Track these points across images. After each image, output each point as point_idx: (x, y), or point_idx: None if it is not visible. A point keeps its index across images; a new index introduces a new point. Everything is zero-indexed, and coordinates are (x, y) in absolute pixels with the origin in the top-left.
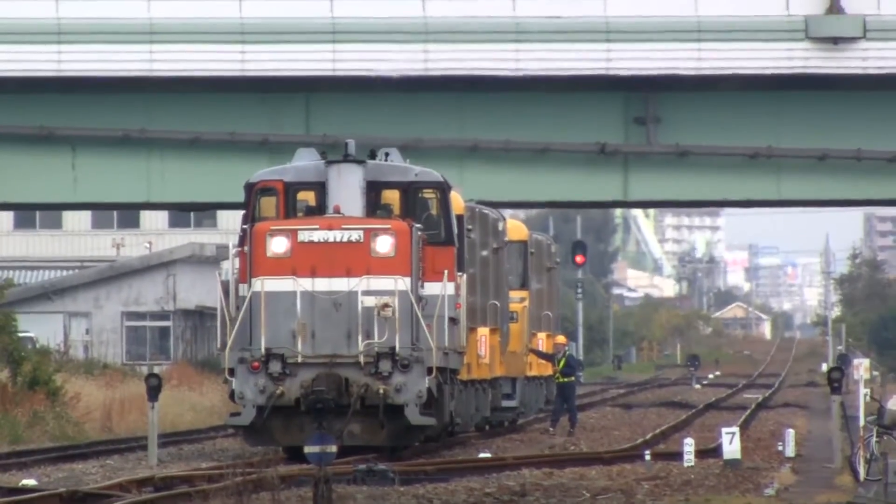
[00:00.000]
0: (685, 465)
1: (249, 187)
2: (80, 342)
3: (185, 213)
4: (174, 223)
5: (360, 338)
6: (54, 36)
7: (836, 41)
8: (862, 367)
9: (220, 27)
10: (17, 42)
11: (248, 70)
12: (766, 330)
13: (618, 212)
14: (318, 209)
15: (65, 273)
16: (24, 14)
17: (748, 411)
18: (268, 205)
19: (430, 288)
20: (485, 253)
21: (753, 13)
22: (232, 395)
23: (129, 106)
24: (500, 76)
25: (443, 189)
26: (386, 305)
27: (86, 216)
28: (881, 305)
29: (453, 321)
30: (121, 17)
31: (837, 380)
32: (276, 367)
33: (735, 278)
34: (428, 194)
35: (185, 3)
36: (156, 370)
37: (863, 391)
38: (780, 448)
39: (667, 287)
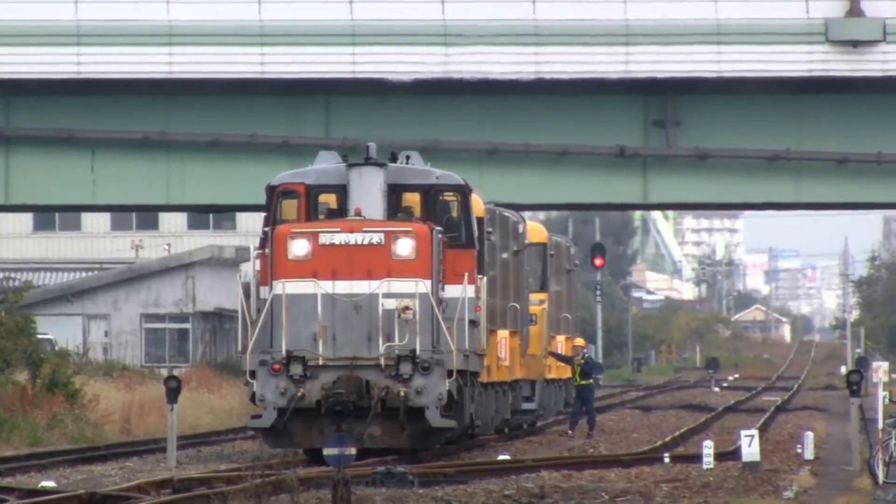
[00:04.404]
0: (704, 467)
1: (271, 190)
2: (99, 344)
3: (204, 215)
4: (193, 225)
5: (380, 340)
6: (74, 38)
7: (855, 44)
8: (881, 370)
9: (240, 29)
10: (36, 44)
11: (267, 72)
12: (786, 333)
13: (637, 214)
14: (340, 212)
15: (84, 275)
16: (44, 16)
17: (767, 414)
18: (289, 207)
19: (451, 290)
20: (505, 255)
21: (773, 16)
22: (253, 397)
23: (148, 108)
24: (520, 79)
25: (464, 192)
26: (407, 308)
27: (105, 218)
28: None
29: (473, 324)
30: (140, 20)
31: (856, 383)
32: (296, 369)
33: (754, 281)
34: (449, 197)
35: (205, 6)
36: (175, 372)
37: (881, 394)
38: (799, 451)
39: (686, 290)
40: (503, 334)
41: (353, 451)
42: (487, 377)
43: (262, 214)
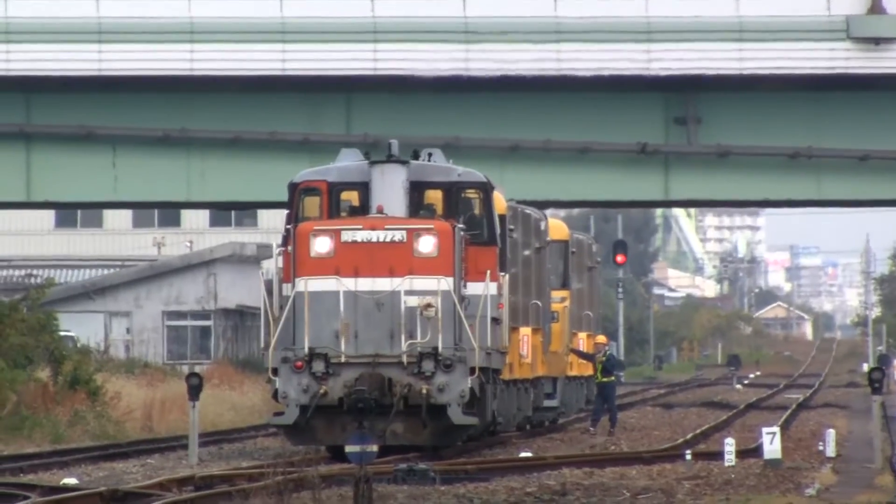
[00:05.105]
0: (726, 464)
1: (293, 187)
2: (120, 341)
3: (225, 212)
4: (215, 222)
5: (402, 338)
6: (95, 35)
7: (877, 41)
8: None
9: (261, 27)
10: (57, 41)
11: (288, 69)
12: (808, 330)
13: (658, 211)
14: (362, 209)
15: (106, 272)
16: (65, 14)
17: (789, 411)
18: (311, 205)
19: (473, 288)
20: (527, 253)
21: (795, 13)
22: (275, 394)
23: (169, 105)
24: (541, 76)
25: (486, 189)
26: (429, 305)
27: (126, 215)
28: None
29: (496, 321)
30: (161, 17)
31: (878, 380)
32: (319, 366)
33: (776, 278)
34: (471, 194)
35: (226, 3)
36: (196, 369)
37: None
38: (821, 448)
39: (708, 287)
40: (525, 331)
41: (374, 448)
42: (509, 374)
43: (284, 211)
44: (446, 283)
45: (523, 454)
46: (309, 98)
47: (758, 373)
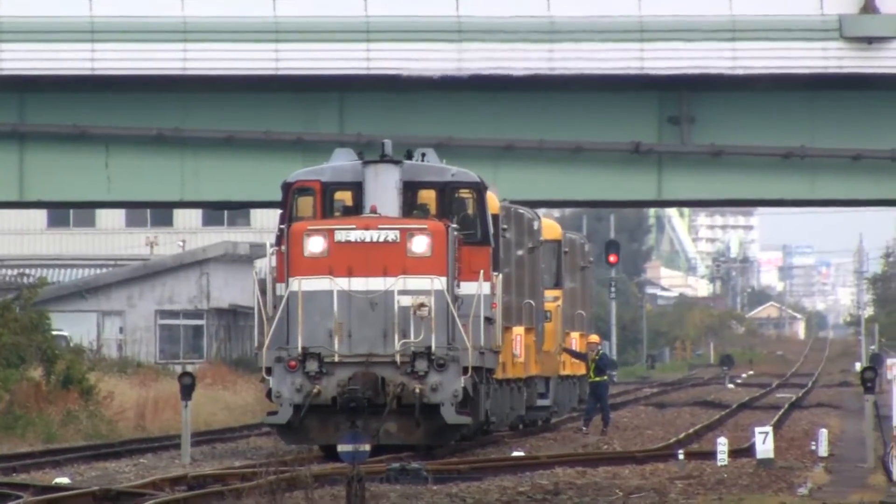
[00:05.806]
0: (718, 464)
1: (287, 187)
2: (113, 341)
3: (218, 211)
4: (208, 222)
5: (396, 337)
6: (88, 35)
7: (870, 41)
8: (895, 367)
9: (254, 26)
10: (50, 41)
11: (281, 69)
12: (800, 330)
13: (651, 211)
14: (355, 209)
15: (98, 271)
16: (58, 13)
17: (781, 411)
18: (305, 205)
19: (466, 287)
20: (520, 252)
21: (788, 12)
22: (269, 393)
23: (162, 105)
24: (535, 75)
25: (479, 189)
26: (422, 305)
27: (119, 214)
28: None
29: (489, 321)
30: (154, 16)
31: (870, 379)
32: (312, 366)
33: (769, 278)
34: (464, 194)
35: (219, 2)
36: (189, 369)
37: None
38: (813, 447)
39: (700, 287)
40: (518, 331)
41: (367, 447)
42: (502, 374)
43: (277, 211)
44: (440, 283)
45: (516, 453)
46: (302, 97)
47: (750, 372)
